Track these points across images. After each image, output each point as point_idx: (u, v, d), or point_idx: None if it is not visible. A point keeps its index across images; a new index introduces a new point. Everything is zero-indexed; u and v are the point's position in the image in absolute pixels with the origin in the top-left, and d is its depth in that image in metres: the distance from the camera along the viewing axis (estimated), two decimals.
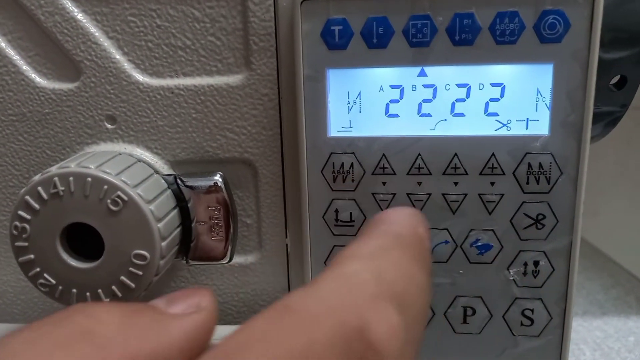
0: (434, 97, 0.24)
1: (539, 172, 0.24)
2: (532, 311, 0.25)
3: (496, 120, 0.24)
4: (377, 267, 0.14)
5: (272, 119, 0.27)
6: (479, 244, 0.25)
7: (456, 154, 0.24)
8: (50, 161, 0.28)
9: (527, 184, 0.24)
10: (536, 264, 0.25)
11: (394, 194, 0.25)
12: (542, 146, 0.24)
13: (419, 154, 0.25)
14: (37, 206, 0.23)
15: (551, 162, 0.24)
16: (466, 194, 0.25)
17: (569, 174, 0.24)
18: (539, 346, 0.26)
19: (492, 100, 0.24)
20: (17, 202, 0.23)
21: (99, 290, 0.23)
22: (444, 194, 0.25)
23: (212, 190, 0.26)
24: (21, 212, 0.23)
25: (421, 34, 0.24)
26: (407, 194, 0.25)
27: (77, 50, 0.27)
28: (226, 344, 0.11)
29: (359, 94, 0.25)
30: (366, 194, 0.25)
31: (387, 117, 0.25)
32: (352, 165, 0.25)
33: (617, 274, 0.46)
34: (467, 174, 0.24)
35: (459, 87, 0.24)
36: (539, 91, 0.24)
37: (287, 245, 0.28)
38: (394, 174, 0.25)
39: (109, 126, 0.27)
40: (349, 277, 0.13)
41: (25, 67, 0.27)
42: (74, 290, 0.24)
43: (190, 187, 0.26)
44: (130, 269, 0.23)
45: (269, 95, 0.26)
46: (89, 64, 0.27)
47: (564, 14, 0.23)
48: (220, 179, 0.26)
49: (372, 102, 0.25)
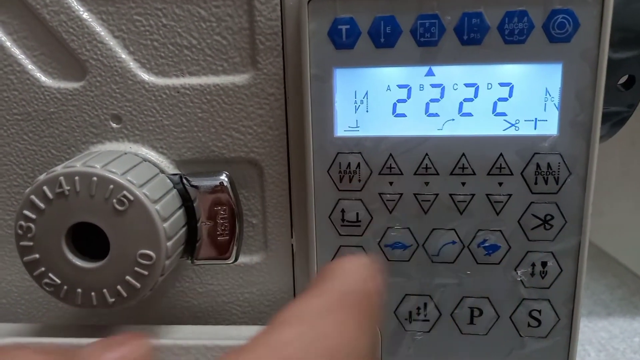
0: (442, 96, 0.24)
1: (548, 173, 0.24)
2: (539, 312, 0.25)
3: (504, 120, 0.24)
4: (315, 334, 0.13)
5: (278, 119, 0.26)
6: (487, 244, 0.25)
7: (464, 154, 0.24)
8: (55, 160, 0.28)
9: (536, 184, 0.24)
10: (544, 264, 0.25)
11: (401, 194, 0.25)
12: (551, 146, 0.24)
13: (427, 154, 0.24)
14: (42, 206, 0.23)
15: (560, 163, 0.24)
16: (474, 194, 0.24)
17: (578, 174, 0.24)
18: (546, 347, 0.25)
19: (500, 100, 0.24)
20: (22, 202, 0.23)
21: (104, 290, 0.23)
22: (451, 194, 0.25)
23: (218, 189, 0.26)
24: (26, 212, 0.23)
25: (429, 33, 0.23)
26: (414, 194, 0.25)
27: (83, 49, 0.26)
28: None
29: (366, 93, 0.25)
30: (373, 194, 0.25)
31: (395, 116, 0.25)
32: (358, 165, 0.25)
33: (622, 274, 0.46)
34: (474, 174, 0.24)
35: (467, 86, 0.24)
36: (547, 91, 0.23)
37: (292, 245, 0.28)
38: (401, 174, 0.25)
39: (114, 125, 0.27)
40: (281, 348, 0.13)
41: (30, 67, 0.27)
42: (79, 290, 0.23)
43: (195, 187, 0.26)
44: (135, 268, 0.23)
45: (275, 94, 0.26)
46: (94, 63, 0.27)
47: (573, 14, 0.23)
48: (226, 179, 0.26)
49: (379, 102, 0.25)
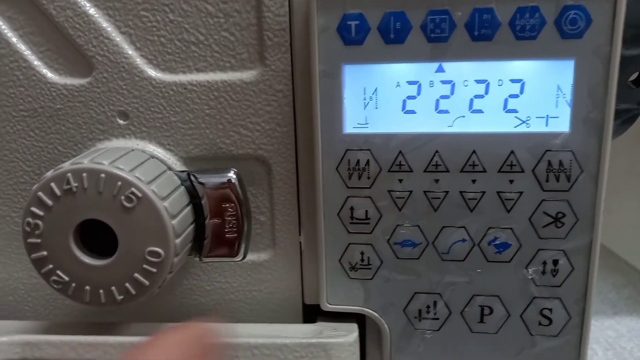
0: (452, 93, 0.24)
1: (559, 170, 0.24)
2: (550, 310, 0.25)
3: (515, 117, 0.24)
4: None
5: (286, 116, 0.26)
6: (497, 242, 0.25)
7: (474, 151, 0.24)
8: (61, 157, 0.28)
9: (547, 181, 0.24)
10: (555, 262, 0.24)
11: (411, 192, 0.25)
12: (563, 143, 0.23)
13: (437, 151, 0.24)
14: (50, 202, 0.23)
15: (571, 160, 0.23)
16: (484, 192, 0.24)
17: (590, 172, 0.23)
18: (557, 346, 0.25)
19: (511, 96, 0.24)
20: (29, 199, 0.23)
21: (113, 287, 0.23)
22: (461, 192, 0.24)
23: (226, 187, 0.25)
24: (34, 209, 0.23)
25: (439, 29, 0.23)
26: (424, 192, 0.25)
27: (89, 45, 0.26)
28: None
29: (375, 90, 0.24)
30: (382, 191, 0.25)
31: (404, 113, 0.24)
32: (367, 162, 0.25)
33: (629, 273, 0.46)
34: (485, 171, 0.24)
35: (477, 83, 0.24)
36: (559, 87, 0.23)
37: (300, 243, 0.28)
38: (411, 171, 0.25)
39: (121, 122, 0.27)
40: None
41: (36, 63, 0.27)
42: (88, 287, 0.23)
43: (203, 184, 0.25)
44: (144, 266, 0.23)
45: (283, 91, 0.26)
46: (101, 60, 0.26)
47: (585, 9, 0.22)
48: (234, 176, 0.26)
49: (389, 99, 0.24)
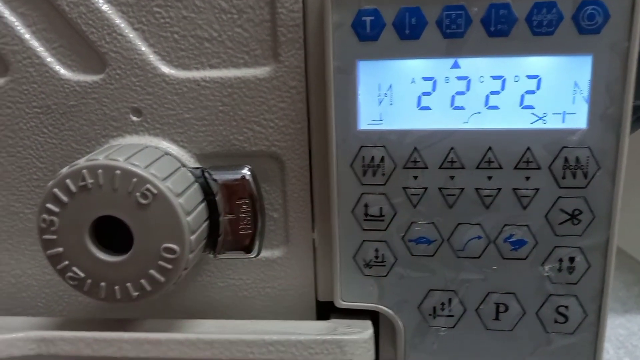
0: (468, 89, 0.24)
1: (576, 167, 0.23)
2: (566, 308, 0.25)
3: (532, 113, 0.24)
4: None
5: (299, 112, 0.26)
6: (513, 239, 0.24)
7: (490, 148, 0.24)
8: (75, 154, 0.28)
9: (564, 178, 0.24)
10: (572, 260, 0.24)
11: (426, 188, 0.25)
12: (580, 140, 0.23)
13: (452, 148, 0.24)
14: (65, 199, 0.23)
15: (589, 156, 0.23)
16: (500, 189, 0.24)
17: (607, 169, 0.23)
18: (572, 344, 0.25)
19: (527, 92, 0.23)
20: (45, 195, 0.23)
21: (128, 284, 0.23)
22: (477, 189, 0.24)
23: (240, 183, 0.25)
24: (49, 205, 0.23)
25: (455, 24, 0.23)
26: (439, 188, 0.25)
27: (102, 41, 0.26)
28: None
29: (390, 86, 0.24)
30: (397, 188, 0.25)
31: (419, 109, 0.24)
32: (382, 158, 0.25)
33: (639, 271, 0.45)
34: (501, 168, 0.24)
35: (493, 79, 0.24)
36: (576, 84, 0.23)
37: (313, 240, 0.28)
38: (426, 167, 0.24)
39: (134, 119, 0.27)
40: None
41: (49, 59, 0.27)
42: (103, 284, 0.23)
43: (217, 181, 0.25)
44: (159, 262, 0.23)
45: (296, 87, 0.26)
46: (114, 56, 0.26)
47: (603, 5, 0.22)
48: (248, 172, 0.26)
49: (404, 95, 0.24)
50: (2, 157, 0.28)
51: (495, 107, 0.24)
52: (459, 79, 0.24)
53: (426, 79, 0.24)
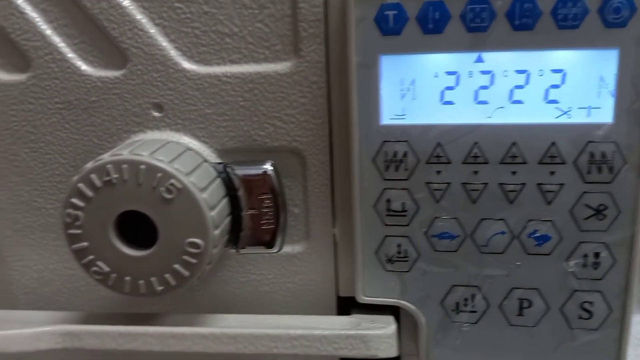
0: (492, 83, 0.24)
1: (602, 162, 0.23)
2: (591, 304, 0.25)
3: (556, 107, 0.23)
4: None
5: (320, 107, 0.26)
6: (537, 234, 0.24)
7: (514, 143, 0.24)
8: (97, 149, 0.28)
9: (589, 173, 0.23)
10: (597, 255, 0.24)
11: (449, 184, 0.25)
12: (605, 134, 0.23)
13: (476, 142, 0.24)
14: (90, 194, 0.23)
15: (614, 151, 0.23)
16: (524, 184, 0.24)
17: (633, 163, 0.23)
18: (597, 340, 0.25)
19: (552, 87, 0.23)
20: (69, 190, 0.23)
21: (152, 278, 0.23)
22: (501, 184, 0.24)
23: (263, 178, 0.25)
24: (74, 200, 0.23)
25: (479, 18, 0.23)
26: (462, 184, 0.24)
27: (124, 37, 0.26)
28: None
29: (413, 80, 0.24)
30: (419, 183, 0.25)
31: (442, 104, 0.24)
32: (405, 153, 0.25)
33: None
34: (525, 163, 0.24)
35: (517, 73, 0.23)
36: (602, 78, 0.23)
37: (334, 235, 0.28)
38: (449, 162, 0.24)
39: (155, 114, 0.27)
40: None
41: (71, 55, 0.27)
42: (128, 278, 0.23)
43: (240, 176, 0.25)
44: (183, 257, 0.23)
45: (318, 83, 0.26)
46: (135, 52, 0.26)
47: None
48: (270, 167, 0.26)
49: (427, 89, 0.24)
50: (24, 152, 0.28)
51: (519, 102, 0.24)
52: (483, 73, 0.24)
53: (449, 73, 0.24)
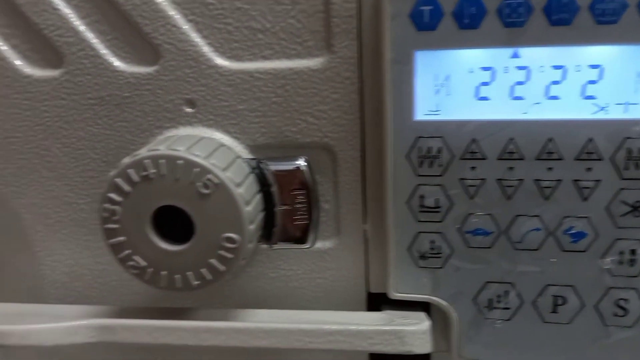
0: (528, 79, 0.24)
1: (639, 158, 0.23)
2: (626, 301, 0.24)
3: (593, 103, 0.23)
4: None
5: (353, 103, 0.26)
6: (573, 231, 0.24)
7: (550, 139, 0.24)
8: (129, 145, 0.28)
9: (626, 169, 0.23)
10: (633, 252, 0.24)
11: (484, 180, 0.24)
12: None
13: (511, 138, 0.24)
14: (127, 189, 0.23)
15: None
16: (560, 180, 0.24)
17: None
18: (632, 337, 0.25)
19: (589, 82, 0.23)
20: (106, 185, 0.23)
21: (188, 273, 0.23)
22: (536, 180, 0.24)
23: (296, 174, 0.25)
24: (111, 195, 0.23)
25: (516, 13, 0.23)
26: (497, 180, 0.24)
27: (157, 33, 0.26)
28: None
29: (448, 76, 0.24)
30: (454, 179, 0.25)
31: (477, 100, 0.24)
32: (439, 149, 0.24)
33: None
34: (562, 159, 0.24)
35: (554, 69, 0.23)
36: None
37: (365, 231, 0.28)
38: (484, 158, 0.24)
39: (188, 110, 0.27)
40: None
41: (104, 51, 0.27)
42: (164, 272, 0.24)
43: (273, 171, 0.25)
44: (219, 252, 0.23)
45: (350, 78, 0.26)
46: (168, 48, 0.26)
47: None
48: (304, 163, 0.26)
49: (461, 85, 0.24)
50: (56, 148, 0.29)
51: (555, 97, 0.23)
52: (519, 68, 0.24)
53: (485, 69, 0.24)
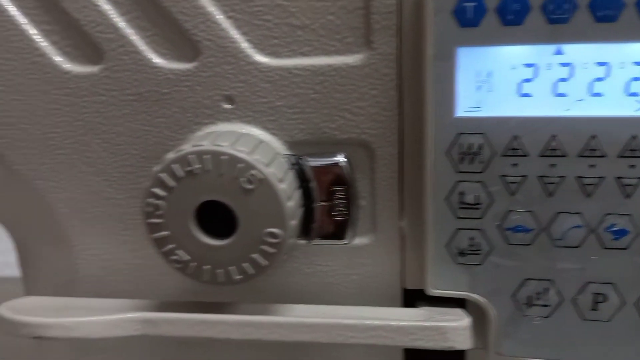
0: (571, 76, 0.24)
1: None
2: None
3: (637, 100, 0.23)
4: None
5: (391, 100, 0.26)
6: (615, 229, 0.24)
7: (594, 136, 0.23)
8: (167, 141, 0.28)
9: None
10: None
11: (525, 176, 0.24)
12: None
13: (554, 135, 0.24)
14: (171, 184, 0.23)
15: None
16: (603, 177, 0.24)
17: None
18: None
19: (633, 79, 0.23)
20: (151, 180, 0.24)
21: (231, 267, 0.24)
22: (578, 177, 0.24)
23: (335, 170, 0.26)
24: (155, 190, 0.24)
25: (561, 9, 0.23)
26: (539, 176, 0.24)
27: (196, 30, 0.27)
28: None
29: (490, 72, 0.24)
30: (494, 176, 0.25)
31: (520, 96, 0.24)
32: (480, 146, 0.24)
33: None
34: (605, 156, 0.24)
35: (598, 65, 0.23)
36: None
37: (401, 228, 0.28)
38: (526, 155, 0.24)
39: (226, 106, 0.27)
40: None
41: (143, 47, 0.27)
42: (207, 267, 0.24)
43: (313, 167, 0.26)
44: (262, 247, 0.23)
45: (389, 75, 0.26)
46: (207, 44, 0.27)
47: None
48: (344, 159, 0.26)
49: (503, 81, 0.24)
50: (95, 143, 0.29)
51: (599, 94, 0.23)
52: (562, 65, 0.23)
53: (527, 66, 0.24)
